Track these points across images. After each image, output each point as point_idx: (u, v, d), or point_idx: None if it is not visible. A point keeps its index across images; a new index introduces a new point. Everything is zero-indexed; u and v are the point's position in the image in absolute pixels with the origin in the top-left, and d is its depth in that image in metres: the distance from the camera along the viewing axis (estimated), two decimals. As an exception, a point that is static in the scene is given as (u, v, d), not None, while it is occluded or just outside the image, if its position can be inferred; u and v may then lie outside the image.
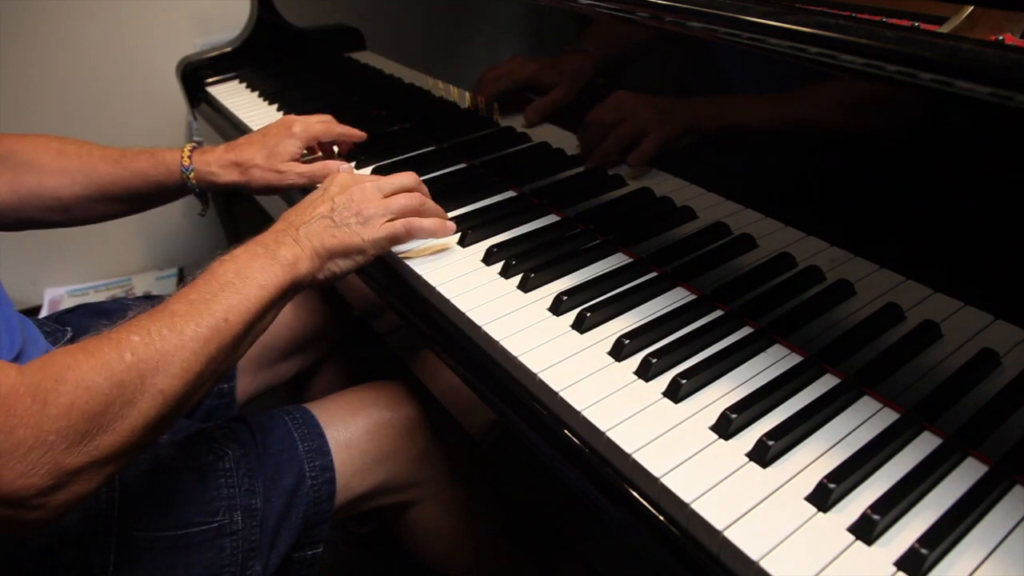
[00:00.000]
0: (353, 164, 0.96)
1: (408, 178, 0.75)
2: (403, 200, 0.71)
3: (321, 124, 0.91)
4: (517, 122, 0.89)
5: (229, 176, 0.86)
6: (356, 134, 0.95)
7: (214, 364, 0.56)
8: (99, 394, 0.47)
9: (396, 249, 0.75)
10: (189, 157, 0.86)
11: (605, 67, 0.74)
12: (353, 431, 0.79)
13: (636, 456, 0.50)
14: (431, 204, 0.76)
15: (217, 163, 0.86)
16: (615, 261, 0.72)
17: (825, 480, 0.46)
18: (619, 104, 0.73)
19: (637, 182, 0.77)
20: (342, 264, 0.67)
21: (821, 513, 0.45)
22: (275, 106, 1.24)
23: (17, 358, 0.63)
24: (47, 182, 0.83)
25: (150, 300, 0.92)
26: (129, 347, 0.50)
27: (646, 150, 0.72)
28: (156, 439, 0.54)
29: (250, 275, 0.60)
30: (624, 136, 0.74)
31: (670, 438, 0.51)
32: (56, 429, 0.45)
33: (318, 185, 0.78)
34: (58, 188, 0.83)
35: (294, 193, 0.93)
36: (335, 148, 0.98)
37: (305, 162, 0.89)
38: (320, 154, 0.96)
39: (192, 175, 0.86)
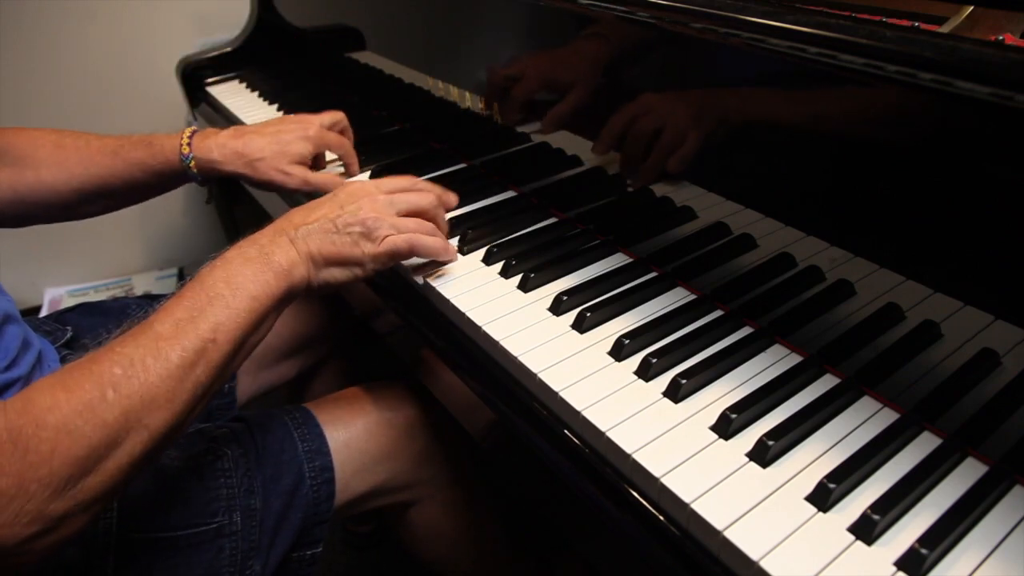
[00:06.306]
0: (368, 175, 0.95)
1: (426, 198, 0.70)
2: (413, 225, 0.67)
3: (336, 138, 0.90)
4: (516, 122, 0.89)
5: (232, 166, 0.83)
6: (354, 164, 0.93)
7: (202, 389, 0.53)
8: (81, 438, 0.45)
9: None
10: (188, 144, 0.82)
11: (606, 66, 0.74)
12: (353, 431, 0.78)
13: (636, 456, 0.50)
14: (443, 226, 0.72)
15: (220, 150, 0.83)
16: (615, 261, 0.72)
17: (825, 480, 0.46)
18: (627, 104, 0.73)
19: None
20: (337, 274, 0.64)
21: (821, 513, 0.45)
22: (275, 106, 1.23)
23: (13, 363, 0.63)
24: (45, 178, 0.80)
25: (150, 300, 0.93)
26: (111, 383, 0.48)
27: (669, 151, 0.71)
28: (144, 470, 0.52)
29: (241, 284, 0.56)
30: (640, 135, 0.73)
31: (670, 438, 0.51)
32: (38, 478, 0.43)
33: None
34: (56, 183, 0.81)
35: (300, 196, 0.92)
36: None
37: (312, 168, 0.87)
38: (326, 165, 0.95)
39: (192, 163, 0.82)
